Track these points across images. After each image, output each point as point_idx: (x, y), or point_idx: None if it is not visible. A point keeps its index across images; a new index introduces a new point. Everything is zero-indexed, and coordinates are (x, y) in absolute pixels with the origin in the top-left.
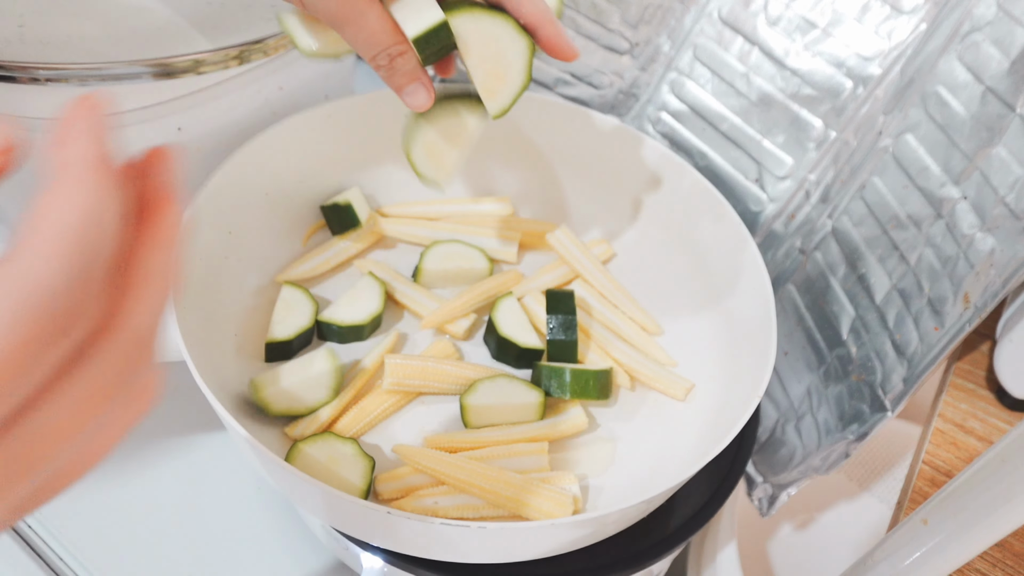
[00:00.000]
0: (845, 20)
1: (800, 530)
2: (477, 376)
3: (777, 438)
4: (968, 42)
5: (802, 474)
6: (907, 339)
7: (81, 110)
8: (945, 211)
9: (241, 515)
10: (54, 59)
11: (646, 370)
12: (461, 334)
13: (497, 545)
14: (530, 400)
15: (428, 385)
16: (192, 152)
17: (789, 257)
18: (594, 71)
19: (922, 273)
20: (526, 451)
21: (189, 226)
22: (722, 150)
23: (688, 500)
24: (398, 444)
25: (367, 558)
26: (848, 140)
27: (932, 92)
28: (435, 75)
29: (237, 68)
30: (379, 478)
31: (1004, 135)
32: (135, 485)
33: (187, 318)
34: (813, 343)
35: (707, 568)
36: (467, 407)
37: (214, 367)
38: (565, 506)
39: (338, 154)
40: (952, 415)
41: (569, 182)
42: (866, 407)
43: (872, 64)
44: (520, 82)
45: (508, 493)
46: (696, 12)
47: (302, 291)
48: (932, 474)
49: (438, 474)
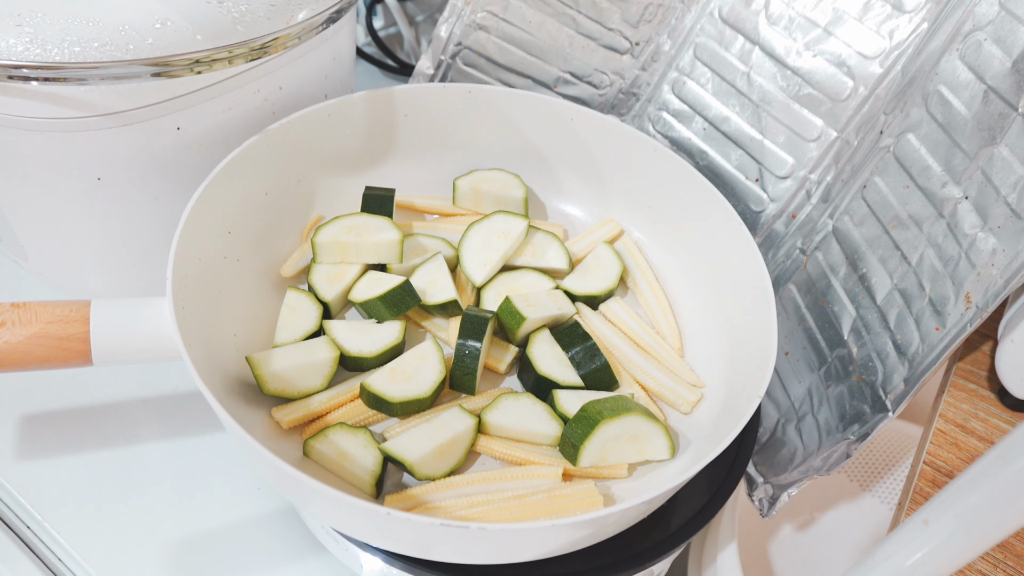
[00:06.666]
0: (846, 19)
1: (801, 531)
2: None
3: (778, 438)
4: (970, 41)
5: (803, 475)
6: (908, 339)
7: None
8: (946, 211)
9: (241, 515)
10: (54, 59)
11: (666, 392)
12: (503, 369)
13: (497, 546)
14: (549, 431)
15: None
16: (192, 152)
17: (790, 257)
18: (594, 70)
19: (923, 273)
20: (539, 474)
21: (189, 226)
22: (723, 150)
23: (689, 501)
24: (392, 500)
25: (367, 558)
26: (849, 140)
27: (933, 91)
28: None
29: (237, 68)
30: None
31: (1006, 134)
32: (135, 485)
33: (186, 318)
34: (814, 343)
35: (708, 569)
36: (486, 423)
37: (213, 367)
38: (595, 500)
39: (338, 154)
40: (953, 415)
41: (569, 182)
42: (867, 407)
43: (873, 63)
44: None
45: (533, 508)
46: (697, 11)
47: (307, 295)
48: (933, 475)
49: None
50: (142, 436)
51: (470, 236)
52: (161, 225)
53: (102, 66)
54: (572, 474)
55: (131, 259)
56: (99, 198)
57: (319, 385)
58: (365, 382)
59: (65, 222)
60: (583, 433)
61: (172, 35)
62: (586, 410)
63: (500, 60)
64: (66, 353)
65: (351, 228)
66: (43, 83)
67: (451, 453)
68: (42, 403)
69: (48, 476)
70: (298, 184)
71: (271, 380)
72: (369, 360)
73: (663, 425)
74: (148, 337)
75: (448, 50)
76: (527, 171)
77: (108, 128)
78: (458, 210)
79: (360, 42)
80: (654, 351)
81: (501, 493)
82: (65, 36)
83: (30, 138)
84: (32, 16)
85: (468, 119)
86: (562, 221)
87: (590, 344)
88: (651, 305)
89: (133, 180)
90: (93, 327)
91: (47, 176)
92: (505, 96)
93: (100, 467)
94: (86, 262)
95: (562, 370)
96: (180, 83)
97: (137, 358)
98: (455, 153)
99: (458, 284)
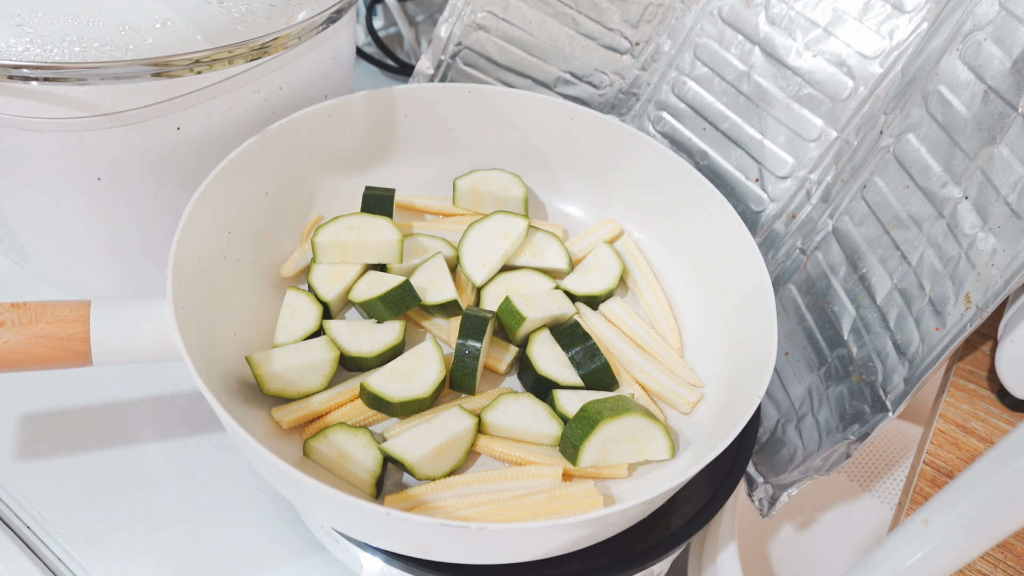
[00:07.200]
0: (846, 19)
1: (801, 531)
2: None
3: (778, 438)
4: (970, 41)
5: (803, 475)
6: (908, 339)
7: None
8: (946, 211)
9: (241, 515)
10: (54, 59)
11: (665, 392)
12: (503, 369)
13: (497, 546)
14: (549, 431)
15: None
16: (192, 152)
17: (790, 257)
18: (594, 70)
19: (923, 273)
20: (539, 474)
21: (189, 226)
22: (723, 150)
23: (689, 501)
24: (392, 500)
25: (367, 558)
26: (849, 140)
27: (933, 91)
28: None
29: (237, 68)
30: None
31: (1006, 134)
32: (135, 485)
33: (186, 318)
34: (814, 343)
35: (708, 569)
36: (486, 423)
37: (213, 367)
38: (595, 500)
39: (338, 154)
40: (953, 415)
41: (569, 182)
42: (867, 407)
43: (873, 63)
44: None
45: (533, 508)
46: (697, 11)
47: (307, 295)
48: (933, 475)
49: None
50: (142, 436)
51: (470, 236)
52: (161, 225)
53: (102, 66)
54: (572, 474)
55: (131, 259)
56: (99, 198)
57: (319, 385)
58: (365, 382)
59: (65, 222)
60: (583, 433)
61: (172, 35)
62: (586, 410)
63: (500, 60)
64: (66, 353)
65: (351, 228)
66: (43, 83)
67: (451, 453)
68: (42, 403)
69: (48, 476)
70: (298, 184)
71: (271, 380)
72: (369, 360)
73: (663, 425)
74: (148, 337)
75: (448, 50)
76: (527, 171)
77: (108, 128)
78: (458, 210)
79: (360, 42)
80: (654, 351)
81: (501, 493)
82: (65, 36)
83: (30, 138)
84: (32, 16)
85: (468, 119)
86: (562, 221)
87: (590, 344)
88: (651, 305)
89: (133, 180)
90: (93, 327)
91: (47, 176)
92: (505, 96)
93: (100, 467)
94: (86, 262)
95: (562, 370)
96: (180, 83)
97: (137, 358)
98: (455, 153)
99: (458, 284)
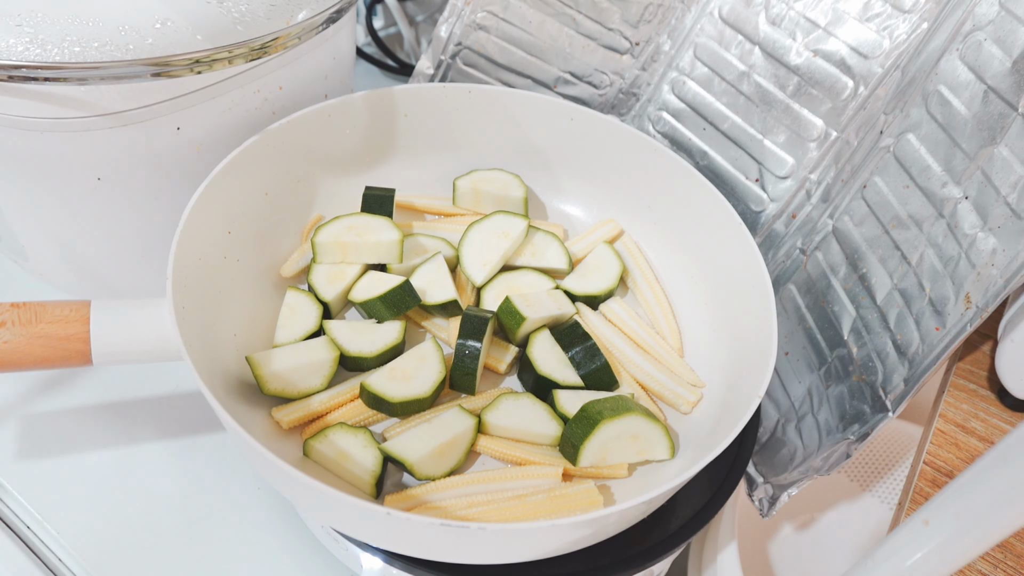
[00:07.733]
0: (846, 19)
1: (801, 531)
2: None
3: (778, 438)
4: (970, 41)
5: (803, 475)
6: (908, 339)
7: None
8: (946, 211)
9: (241, 515)
10: (54, 59)
11: (665, 392)
12: (503, 369)
13: (497, 546)
14: (549, 431)
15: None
16: (192, 152)
17: (790, 257)
18: (594, 70)
19: (923, 273)
20: (539, 474)
21: (189, 226)
22: (723, 150)
23: (689, 501)
24: (392, 500)
25: (367, 558)
26: (849, 139)
27: (933, 91)
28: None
29: (237, 68)
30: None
31: (1006, 134)
32: (135, 485)
33: (186, 318)
34: (814, 343)
35: (708, 569)
36: (486, 423)
37: (213, 367)
38: (595, 500)
39: (338, 154)
40: (953, 415)
41: (569, 182)
42: (867, 407)
43: (873, 63)
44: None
45: (533, 508)
46: (697, 11)
47: (307, 295)
48: (933, 475)
49: (455, 511)
50: (142, 436)
51: (470, 236)
52: (161, 225)
53: (102, 66)
54: (572, 474)
55: (131, 259)
56: (99, 198)
57: (319, 385)
58: (365, 382)
59: (65, 222)
60: (583, 433)
61: (172, 35)
62: (586, 410)
63: (500, 60)
64: (66, 353)
65: (351, 228)
66: (43, 83)
67: (451, 453)
68: (42, 403)
69: (48, 476)
70: (298, 184)
71: (271, 380)
72: (369, 360)
73: (663, 425)
74: (148, 337)
75: (448, 50)
76: (527, 171)
77: (108, 128)
78: (458, 210)
79: (360, 42)
80: (654, 351)
81: (501, 493)
82: (65, 36)
83: (30, 138)
84: (32, 16)
85: (468, 119)
86: (562, 221)
87: (590, 344)
88: (651, 305)
89: (133, 180)
90: (93, 327)
91: (47, 176)
92: (505, 96)
93: (100, 467)
94: (86, 262)
95: (562, 370)
96: (180, 83)
97: (137, 358)
98: (455, 153)
99: (458, 284)
